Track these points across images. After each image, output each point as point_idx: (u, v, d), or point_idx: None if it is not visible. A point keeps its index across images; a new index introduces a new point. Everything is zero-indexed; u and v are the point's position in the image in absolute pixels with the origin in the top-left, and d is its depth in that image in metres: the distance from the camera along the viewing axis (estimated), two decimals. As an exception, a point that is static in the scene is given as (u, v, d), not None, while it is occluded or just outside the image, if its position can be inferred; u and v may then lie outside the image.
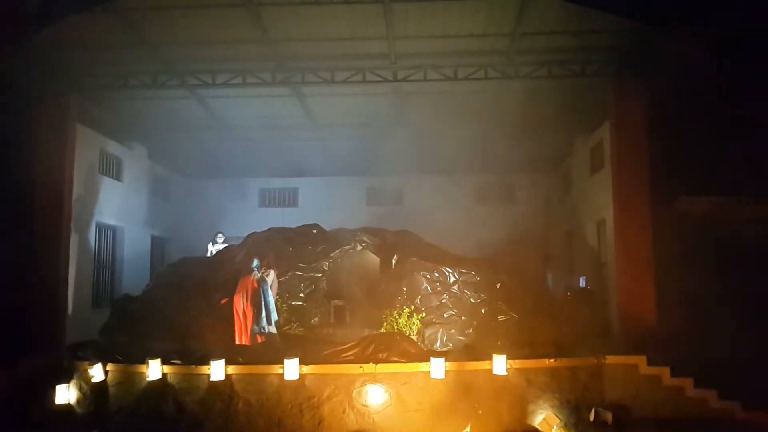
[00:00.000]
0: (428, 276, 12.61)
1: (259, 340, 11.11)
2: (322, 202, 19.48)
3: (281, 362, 9.18)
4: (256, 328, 11.11)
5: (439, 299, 12.37)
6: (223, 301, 11.53)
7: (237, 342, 11.01)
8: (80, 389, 9.65)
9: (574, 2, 10.67)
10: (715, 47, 10.72)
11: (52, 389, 9.51)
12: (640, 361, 9.72)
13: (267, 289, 11.22)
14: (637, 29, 11.40)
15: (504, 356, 9.24)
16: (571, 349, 10.12)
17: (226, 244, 14.56)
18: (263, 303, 11.18)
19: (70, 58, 12.57)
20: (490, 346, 10.25)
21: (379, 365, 9.32)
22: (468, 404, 9.20)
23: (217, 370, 9.17)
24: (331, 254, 13.32)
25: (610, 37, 11.90)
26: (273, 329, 11.24)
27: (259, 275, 11.32)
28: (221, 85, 13.48)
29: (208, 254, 14.86)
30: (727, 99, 11.46)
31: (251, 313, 11.12)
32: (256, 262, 11.52)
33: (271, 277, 11.54)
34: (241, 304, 11.14)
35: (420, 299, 12.34)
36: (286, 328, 12.25)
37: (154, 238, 18.37)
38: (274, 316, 11.24)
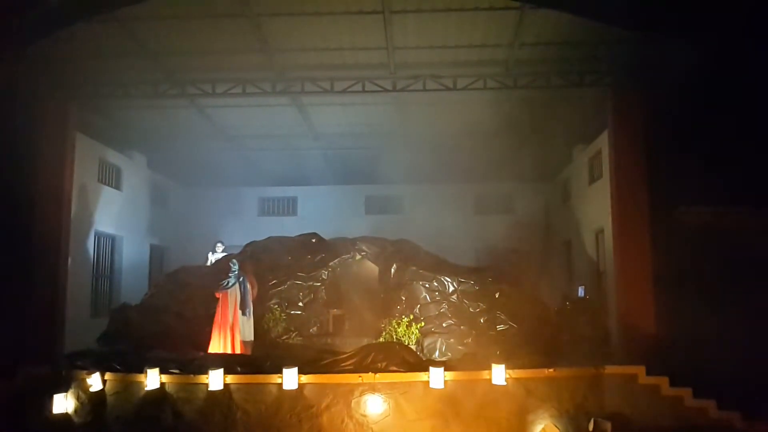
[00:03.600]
0: (427, 285, 12.62)
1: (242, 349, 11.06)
2: (321, 211, 19.52)
3: (280, 372, 9.16)
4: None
5: (438, 308, 12.37)
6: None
7: (213, 350, 10.90)
8: (78, 398, 9.60)
9: (573, 13, 10.75)
10: (714, 56, 10.78)
11: (50, 398, 9.46)
12: (639, 371, 9.71)
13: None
14: (635, 39, 11.46)
15: (503, 366, 9.23)
16: (570, 358, 10.11)
17: (225, 254, 14.56)
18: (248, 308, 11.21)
19: (70, 68, 12.61)
20: (489, 355, 10.25)
21: (378, 375, 9.30)
22: (467, 414, 9.17)
23: (215, 380, 9.14)
24: (330, 263, 13.33)
25: (608, 47, 11.96)
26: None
27: (241, 279, 11.25)
28: (221, 94, 13.53)
29: (208, 263, 14.86)
30: (726, 108, 11.51)
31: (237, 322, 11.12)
32: (235, 266, 11.36)
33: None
34: (229, 315, 11.05)
35: (419, 308, 12.35)
36: (285, 337, 12.25)
37: (153, 247, 18.37)
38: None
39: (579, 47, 12.05)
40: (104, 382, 9.55)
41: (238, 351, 10.89)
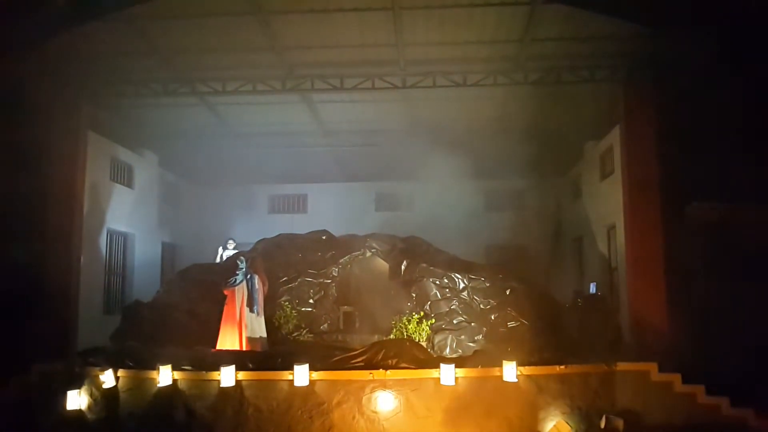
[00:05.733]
0: (437, 282, 12.61)
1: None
2: (331, 209, 19.51)
3: (291, 368, 9.19)
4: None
5: (448, 305, 12.36)
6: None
7: (221, 347, 10.83)
8: (91, 395, 9.68)
9: (583, 8, 10.68)
10: (726, 51, 10.68)
11: (64, 395, 9.54)
12: (652, 367, 9.65)
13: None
14: (646, 34, 11.38)
15: (514, 363, 9.20)
16: (581, 355, 10.06)
17: (236, 251, 14.60)
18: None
19: (82, 67, 12.69)
20: (500, 352, 10.22)
21: (388, 371, 9.30)
22: (478, 411, 9.16)
23: (227, 376, 9.18)
24: (341, 260, 13.34)
25: (619, 42, 11.88)
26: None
27: (248, 276, 11.21)
28: (231, 92, 13.58)
29: (218, 258, 14.94)
30: (738, 103, 11.40)
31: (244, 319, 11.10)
32: (243, 264, 11.30)
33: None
34: (237, 313, 11.01)
35: (429, 305, 12.35)
36: (295, 334, 12.28)
37: (164, 245, 18.45)
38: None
39: (590, 42, 11.98)
40: (117, 378, 9.62)
41: (245, 348, 10.91)
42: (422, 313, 12.01)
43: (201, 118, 16.19)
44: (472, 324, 12.12)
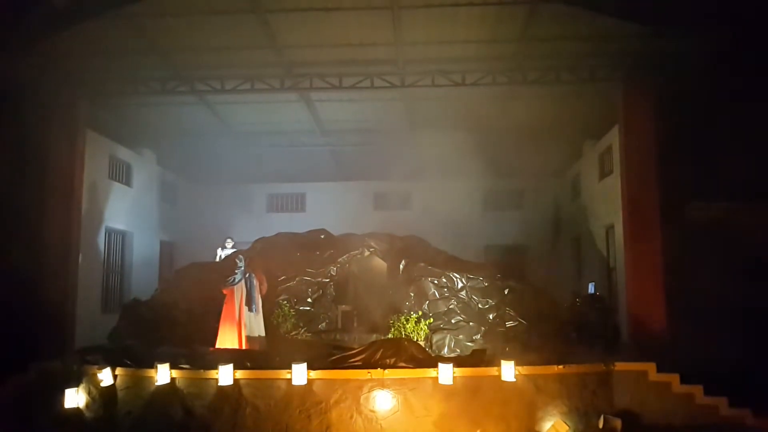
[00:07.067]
0: (436, 281, 12.61)
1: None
2: (330, 208, 19.50)
3: (289, 367, 9.18)
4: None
5: (446, 305, 12.36)
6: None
7: (220, 346, 10.78)
8: (89, 393, 9.66)
9: (583, 7, 10.67)
10: (726, 51, 10.68)
11: (62, 393, 9.53)
12: (650, 367, 9.65)
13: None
14: (646, 33, 11.36)
15: (512, 362, 9.19)
16: (579, 355, 10.06)
17: (234, 250, 14.58)
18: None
19: (80, 65, 12.66)
20: (499, 352, 10.22)
21: (386, 371, 9.28)
22: (476, 410, 9.16)
23: (225, 375, 9.17)
24: (339, 259, 13.33)
25: (619, 41, 11.86)
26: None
27: (247, 275, 11.19)
28: (230, 91, 13.56)
29: (217, 259, 14.90)
30: (738, 103, 11.40)
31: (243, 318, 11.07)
32: (241, 262, 11.27)
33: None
34: (236, 311, 10.97)
35: (428, 305, 12.35)
36: (293, 333, 12.27)
37: (162, 243, 18.43)
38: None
39: (589, 42, 11.96)
40: (115, 377, 9.61)
41: (244, 347, 10.90)
42: (420, 313, 12.00)
43: (200, 116, 16.17)
44: (471, 323, 12.11)
